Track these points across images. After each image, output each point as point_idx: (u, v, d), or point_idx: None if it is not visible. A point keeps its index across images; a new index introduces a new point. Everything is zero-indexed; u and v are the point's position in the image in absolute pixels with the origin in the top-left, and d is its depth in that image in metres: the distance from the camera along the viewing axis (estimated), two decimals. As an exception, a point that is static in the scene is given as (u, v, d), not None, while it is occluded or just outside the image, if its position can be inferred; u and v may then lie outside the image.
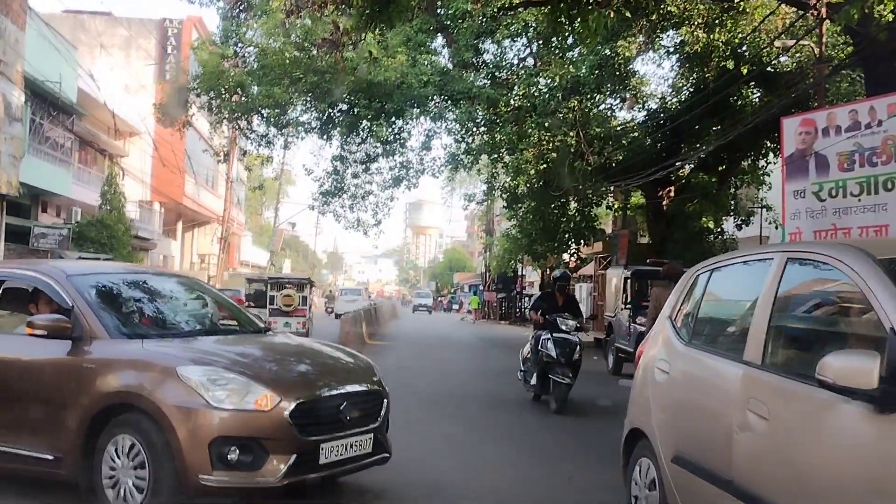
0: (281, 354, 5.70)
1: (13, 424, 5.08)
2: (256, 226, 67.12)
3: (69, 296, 5.19)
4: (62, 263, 6.03)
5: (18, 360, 5.24)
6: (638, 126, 20.04)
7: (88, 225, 25.30)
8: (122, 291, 6.01)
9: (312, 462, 4.70)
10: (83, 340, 4.96)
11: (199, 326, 6.18)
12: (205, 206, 40.05)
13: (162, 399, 4.56)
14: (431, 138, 20.12)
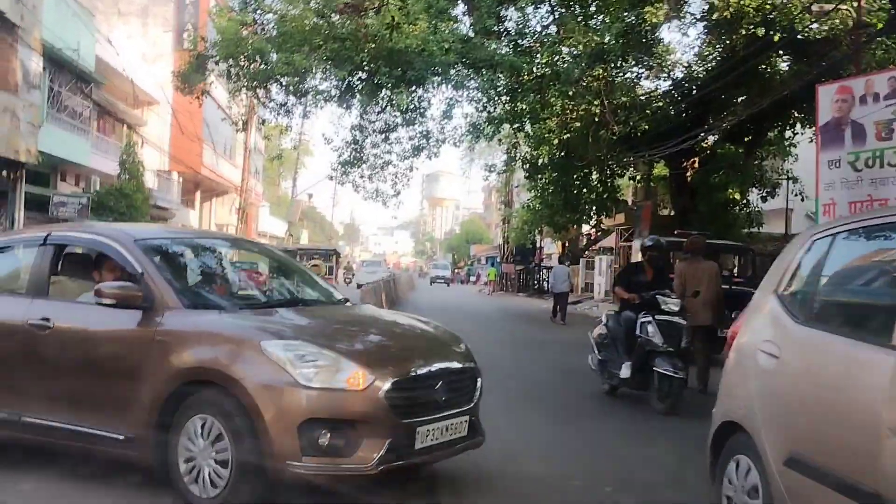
0: (368, 328, 5.32)
1: (80, 400, 4.73)
2: (274, 196, 67.12)
3: (138, 262, 4.80)
4: (127, 226, 5.64)
5: (84, 332, 4.90)
6: (663, 95, 19.65)
7: (107, 194, 25.24)
8: (194, 258, 5.68)
9: (408, 447, 4.31)
10: (154, 310, 4.58)
11: (277, 297, 5.87)
12: (223, 176, 39.97)
13: (245, 376, 4.18)
14: (453, 107, 19.82)
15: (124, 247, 4.94)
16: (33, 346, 4.88)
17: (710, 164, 20.12)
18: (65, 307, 5.10)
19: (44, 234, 5.38)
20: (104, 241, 5.13)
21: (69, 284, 5.37)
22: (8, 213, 19.67)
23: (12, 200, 19.74)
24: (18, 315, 4.98)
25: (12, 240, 6.01)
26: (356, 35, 17.46)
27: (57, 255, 5.29)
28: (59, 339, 4.84)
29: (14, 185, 19.73)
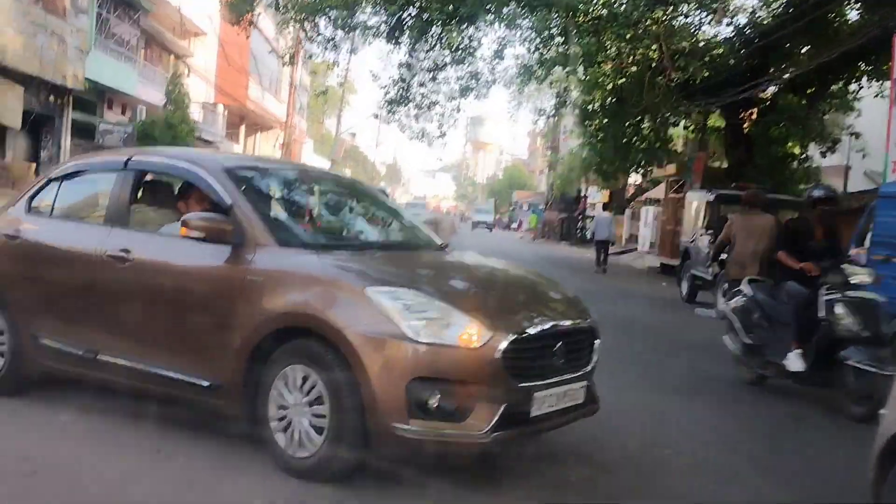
0: (478, 277, 4.81)
1: (160, 341, 4.39)
2: (317, 134, 66.94)
3: (227, 192, 4.36)
4: (217, 154, 5.05)
5: (167, 266, 4.48)
6: (723, 42, 18.84)
7: (152, 124, 25.21)
8: (287, 192, 5.26)
9: (523, 414, 3.84)
10: (245, 247, 4.15)
11: (375, 238, 5.42)
12: (268, 111, 39.80)
13: (347, 326, 3.73)
14: (504, 47, 19.28)
15: (213, 175, 4.50)
16: (111, 278, 4.54)
17: (771, 116, 19.35)
18: (146, 238, 4.67)
19: (124, 158, 5.00)
20: (191, 167, 4.69)
21: (150, 214, 4.94)
22: (55, 139, 19.70)
23: (59, 126, 19.75)
24: (96, 245, 4.64)
25: (89, 163, 5.55)
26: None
27: (137, 181, 4.94)
28: (139, 272, 4.47)
29: (61, 110, 19.72)
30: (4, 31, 15.67)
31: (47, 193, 5.27)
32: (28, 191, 5.42)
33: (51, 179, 5.33)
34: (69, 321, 4.72)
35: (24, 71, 16.78)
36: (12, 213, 5.31)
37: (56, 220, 5.16)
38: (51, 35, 17.67)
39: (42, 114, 18.72)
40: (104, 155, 6.00)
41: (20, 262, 5.01)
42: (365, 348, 3.69)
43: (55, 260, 4.90)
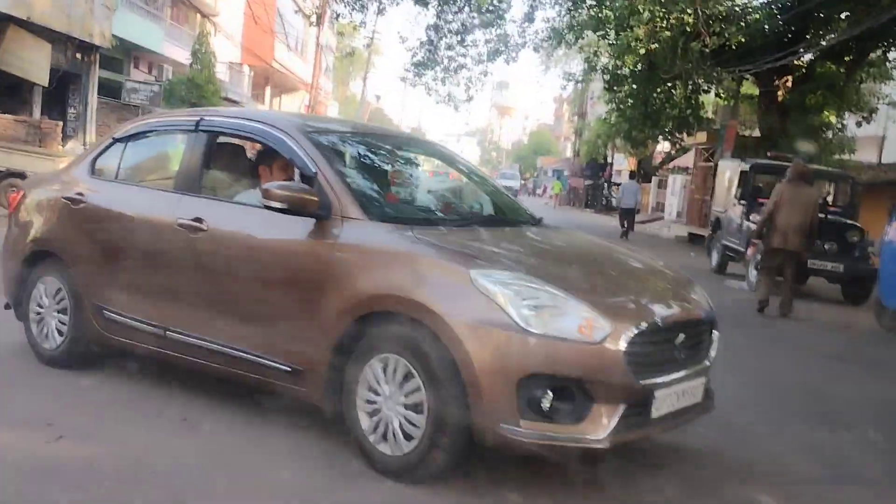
0: (588, 259, 4.29)
1: (236, 319, 4.05)
2: (342, 96, 66.67)
3: (311, 159, 3.96)
4: (295, 116, 4.51)
5: (244, 238, 4.09)
6: (760, 8, 18.36)
7: (178, 83, 25.15)
8: (374, 160, 4.80)
9: (644, 415, 3.44)
10: (331, 220, 3.76)
11: (470, 212, 4.95)
12: (293, 72, 39.57)
13: (450, 312, 3.32)
14: (535, 9, 18.92)
15: (295, 139, 4.09)
16: (182, 249, 4.19)
17: (807, 84, 18.89)
18: (221, 207, 4.27)
19: (196, 119, 4.59)
20: (270, 130, 4.24)
21: (223, 180, 4.55)
22: (81, 96, 19.67)
23: (86, 84, 19.71)
24: (166, 212, 4.29)
25: (157, 123, 5.19)
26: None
27: (210, 144, 4.50)
28: (214, 244, 4.11)
29: (88, 68, 19.66)
30: (32, -14, 15.57)
31: (112, 155, 4.96)
32: (91, 152, 5.13)
33: (116, 140, 5.00)
34: (136, 293, 4.43)
35: (51, 28, 16.70)
36: (75, 176, 4.99)
37: (122, 185, 4.84)
38: (78, -9, 17.54)
39: (69, 71, 18.66)
40: (173, 115, 5.57)
41: (83, 228, 4.71)
42: (470, 338, 3.28)
43: (121, 227, 4.55)
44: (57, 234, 4.83)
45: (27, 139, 14.39)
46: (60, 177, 5.22)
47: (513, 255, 3.82)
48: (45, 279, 4.83)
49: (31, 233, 4.97)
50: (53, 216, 4.90)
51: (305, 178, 4.00)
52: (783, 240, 8.98)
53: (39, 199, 5.10)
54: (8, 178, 13.68)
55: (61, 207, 4.83)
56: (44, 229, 4.93)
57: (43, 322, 4.83)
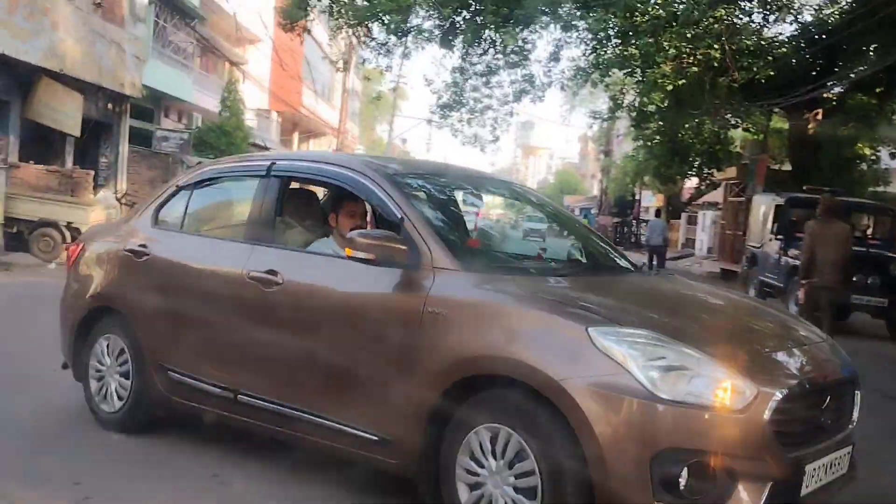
0: (710, 311, 3.86)
1: (316, 381, 3.71)
2: (369, 140, 67.22)
3: (397, 204, 3.65)
4: (373, 158, 4.27)
5: (324, 292, 3.77)
6: (787, 41, 18.22)
7: (208, 131, 25.45)
8: (460, 203, 4.53)
9: (793, 493, 2.99)
10: (421, 271, 3.42)
11: (567, 258, 4.55)
12: (320, 117, 39.98)
13: (567, 376, 2.92)
14: (561, 48, 18.91)
15: (377, 183, 3.78)
16: (255, 304, 3.89)
17: (838, 116, 18.65)
18: (296, 258, 3.98)
19: (266, 163, 4.35)
20: (350, 174, 3.94)
21: (297, 228, 4.27)
22: (113, 145, 19.93)
23: (117, 133, 19.97)
24: (236, 264, 4.02)
25: (224, 169, 4.89)
26: (463, -30, 16.76)
27: (282, 190, 4.22)
28: (290, 298, 3.81)
29: (119, 118, 19.93)
30: (65, 40, 15.85)
31: (176, 204, 4.73)
32: (154, 201, 4.88)
33: (180, 188, 4.77)
34: (204, 353, 4.15)
35: (83, 79, 16.97)
36: (137, 227, 4.78)
37: (187, 235, 4.62)
38: (109, 43, 17.85)
39: (100, 121, 18.93)
40: (241, 160, 5.29)
41: (147, 282, 4.46)
42: (593, 406, 2.86)
43: (188, 281, 4.30)
44: (119, 289, 4.62)
45: (59, 188, 14.54)
46: (121, 228, 5.03)
47: (629, 309, 3.43)
48: (106, 337, 4.62)
49: (90, 288, 4.76)
50: (115, 270, 4.70)
51: (388, 225, 3.72)
52: (820, 277, 8.86)
53: (99, 252, 4.89)
54: (40, 228, 13.80)
55: (123, 260, 4.63)
56: (104, 284, 4.72)
57: (103, 383, 4.60)
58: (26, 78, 15.47)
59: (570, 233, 4.82)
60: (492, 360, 3.16)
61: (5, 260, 12.96)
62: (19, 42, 14.27)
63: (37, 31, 14.83)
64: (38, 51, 14.95)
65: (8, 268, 12.63)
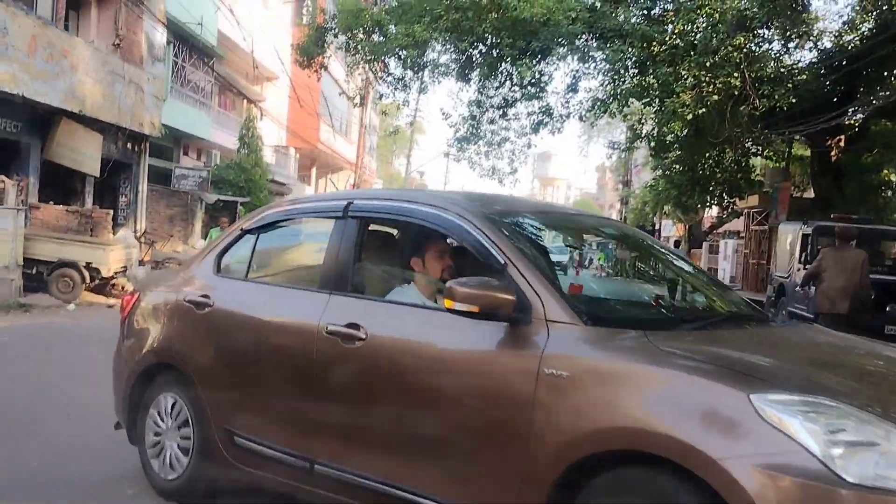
0: (870, 369, 3.29)
1: (408, 453, 3.22)
2: (386, 174, 67.50)
3: (499, 248, 3.19)
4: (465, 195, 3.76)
5: (416, 348, 3.29)
6: (807, 68, 18.07)
7: (227, 168, 25.56)
8: (567, 246, 4.14)
9: None
10: (531, 325, 2.94)
11: (695, 310, 4.00)
12: (338, 153, 40.14)
13: (727, 454, 2.39)
14: (578, 80, 18.87)
15: (474, 224, 3.32)
16: (334, 363, 3.46)
17: (861, 143, 18.43)
18: (380, 310, 3.52)
19: (342, 203, 3.88)
20: (441, 214, 3.46)
21: (377, 275, 3.86)
22: (132, 185, 20.01)
23: (136, 172, 20.06)
24: (312, 317, 3.57)
25: (294, 210, 4.47)
26: (479, 4, 16.78)
27: (361, 232, 3.77)
28: (376, 356, 3.34)
29: (138, 157, 20.04)
30: (84, 81, 15.97)
31: (241, 249, 4.34)
32: (216, 246, 4.46)
33: (245, 231, 4.35)
34: (276, 416, 3.72)
35: (102, 119, 17.07)
36: (197, 274, 4.39)
37: (254, 284, 4.25)
38: (128, 83, 17.98)
39: (120, 161, 19.02)
40: (313, 200, 4.81)
41: (211, 336, 4.06)
42: (761, 491, 2.30)
43: (256, 335, 3.87)
44: (179, 344, 4.21)
45: (79, 229, 14.55)
46: (180, 276, 4.61)
47: (792, 369, 2.90)
48: (164, 397, 4.22)
49: (147, 342, 4.36)
50: (174, 322, 4.28)
51: (490, 270, 3.19)
52: (831, 304, 8.88)
53: (156, 303, 4.50)
54: (60, 269, 13.77)
55: (183, 312, 4.21)
56: (163, 338, 4.30)
57: (160, 447, 4.20)
58: (46, 119, 15.58)
59: (692, 280, 4.20)
60: (630, 434, 2.60)
61: (25, 301, 12.92)
62: (39, 83, 14.38)
63: (56, 73, 14.95)
64: (57, 92, 15.06)
65: (27, 309, 12.58)
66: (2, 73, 13.23)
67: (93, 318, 10.81)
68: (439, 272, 3.65)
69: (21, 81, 13.83)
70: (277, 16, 32.22)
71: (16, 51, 13.53)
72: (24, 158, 15.50)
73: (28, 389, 6.74)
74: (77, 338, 10.22)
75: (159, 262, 18.77)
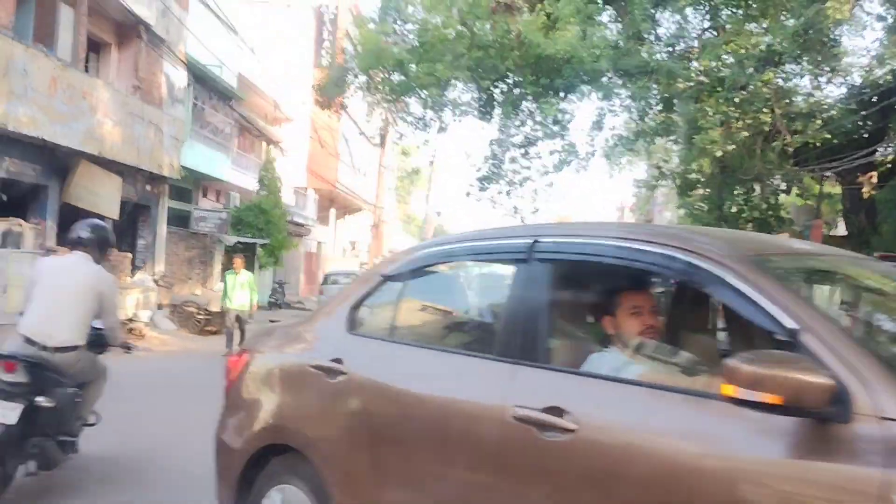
0: None
1: None
2: (403, 214, 67.49)
3: (786, 307, 2.21)
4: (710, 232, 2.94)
5: (669, 455, 2.23)
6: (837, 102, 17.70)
7: (246, 210, 25.37)
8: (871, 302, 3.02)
9: None
10: (854, 423, 1.97)
11: None
12: (356, 194, 40.04)
13: None
14: (603, 117, 18.62)
15: (739, 272, 2.36)
16: (526, 459, 2.52)
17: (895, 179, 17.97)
18: (595, 389, 2.55)
19: (525, 241, 2.92)
20: (676, 255, 2.51)
21: (572, 338, 2.99)
22: (150, 227, 19.79)
23: (155, 215, 19.86)
24: (489, 395, 2.69)
25: (453, 250, 3.43)
26: (501, 42, 16.60)
27: (553, 280, 2.85)
28: (593, 456, 2.38)
29: (157, 199, 19.86)
30: (104, 122, 15.83)
31: (382, 301, 3.50)
32: (348, 297, 3.55)
33: (387, 278, 3.44)
34: None
35: (121, 161, 16.91)
36: (325, 332, 3.52)
37: (403, 347, 3.27)
38: (148, 125, 17.86)
39: (139, 203, 18.84)
40: (482, 237, 3.42)
41: (344, 412, 3.14)
42: None
43: (408, 415, 2.95)
44: (301, 421, 3.30)
45: (96, 272, 14.27)
46: (302, 333, 3.69)
47: None
48: (281, 488, 3.33)
49: (260, 417, 3.46)
50: (295, 393, 3.41)
51: (752, 340, 2.39)
52: None
53: (272, 367, 3.63)
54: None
55: (308, 380, 3.33)
56: (280, 412, 3.42)
57: None
58: (65, 161, 15.41)
59: None
60: None
61: (40, 347, 12.60)
62: (58, 125, 14.23)
63: (76, 115, 14.80)
64: (76, 134, 14.90)
65: (42, 355, 12.25)
66: (21, 115, 13.08)
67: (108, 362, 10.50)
68: (636, 333, 2.81)
69: (40, 123, 13.67)
70: (297, 56, 32.32)
71: (35, 93, 13.39)
72: (42, 201, 15.31)
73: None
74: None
75: (177, 306, 18.46)
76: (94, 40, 17.32)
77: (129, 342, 6.18)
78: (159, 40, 18.35)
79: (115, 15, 17.14)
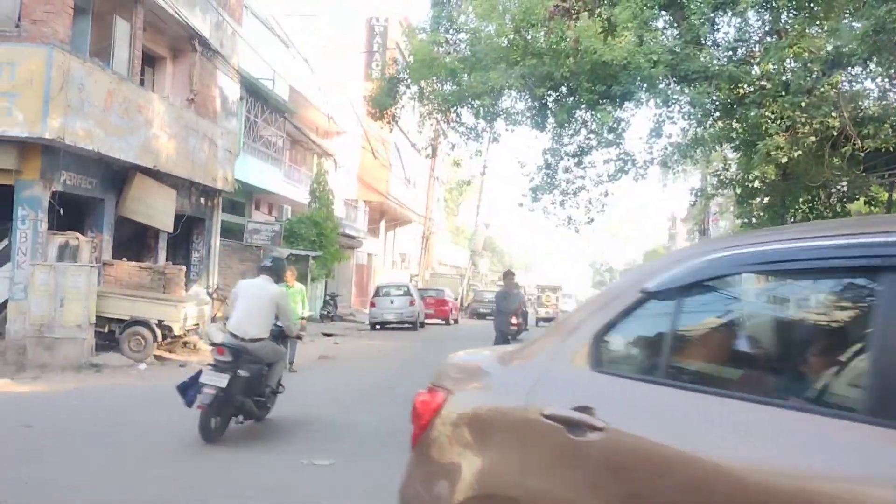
0: None
1: None
2: (452, 226, 67.33)
3: None
4: None
5: None
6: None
7: (298, 222, 25.40)
8: None
9: None
10: None
11: None
12: (406, 206, 39.95)
13: None
14: (662, 124, 18.14)
15: None
16: None
17: (970, 184, 17.17)
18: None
19: (880, 243, 2.05)
20: None
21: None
22: (205, 240, 19.83)
23: (209, 228, 19.90)
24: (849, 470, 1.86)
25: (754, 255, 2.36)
26: (556, 49, 16.26)
27: None
28: None
29: (211, 212, 19.90)
30: (159, 136, 15.88)
31: (641, 325, 2.57)
32: (587, 321, 2.61)
33: (650, 294, 2.47)
34: None
35: (176, 174, 16.95)
36: (556, 368, 2.60)
37: (684, 393, 2.27)
38: (202, 138, 17.90)
39: (193, 216, 18.88)
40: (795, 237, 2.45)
41: (601, 482, 2.29)
42: None
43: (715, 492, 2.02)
44: (525, 490, 2.44)
45: (151, 285, 14.27)
46: (522, 366, 2.78)
47: None
48: None
49: (464, 478, 2.63)
50: (519, 450, 2.51)
51: None
52: None
53: (481, 412, 2.75)
54: (132, 327, 13.44)
55: (539, 434, 2.45)
56: (496, 477, 2.55)
57: None
58: (120, 174, 15.48)
59: None
60: None
61: (96, 361, 12.58)
62: (114, 139, 14.28)
63: (131, 129, 14.85)
64: (132, 148, 14.95)
65: (99, 369, 12.23)
66: (78, 128, 13.13)
67: (164, 378, 10.46)
68: None
69: (96, 137, 13.72)
70: (349, 68, 32.38)
71: (92, 106, 13.45)
72: (98, 215, 15.39)
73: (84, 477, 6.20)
74: (146, 402, 9.72)
75: (231, 319, 18.42)
76: (149, 54, 17.44)
77: (301, 333, 10.35)
78: (213, 53, 18.41)
79: (170, 28, 17.23)
